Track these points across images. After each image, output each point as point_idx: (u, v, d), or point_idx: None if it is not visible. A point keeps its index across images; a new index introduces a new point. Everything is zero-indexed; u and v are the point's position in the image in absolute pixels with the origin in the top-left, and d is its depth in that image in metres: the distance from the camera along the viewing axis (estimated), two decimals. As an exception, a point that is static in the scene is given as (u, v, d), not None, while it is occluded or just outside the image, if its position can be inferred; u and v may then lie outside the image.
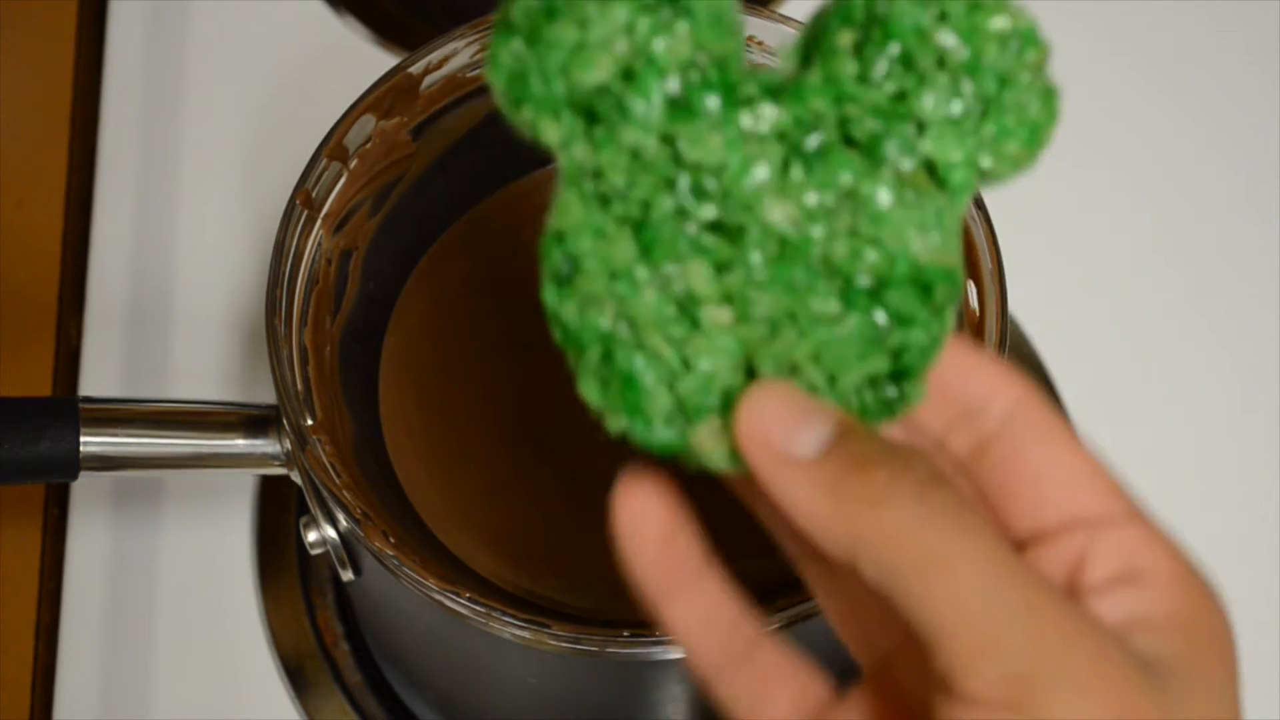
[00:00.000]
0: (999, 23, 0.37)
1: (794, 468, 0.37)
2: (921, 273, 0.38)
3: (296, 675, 0.69)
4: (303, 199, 0.57)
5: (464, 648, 0.58)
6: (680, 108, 0.37)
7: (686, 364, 0.38)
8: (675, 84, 0.37)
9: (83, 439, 0.56)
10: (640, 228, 0.38)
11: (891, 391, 0.38)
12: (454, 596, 0.51)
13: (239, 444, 0.57)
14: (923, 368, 0.38)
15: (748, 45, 0.58)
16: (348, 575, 0.58)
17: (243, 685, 0.69)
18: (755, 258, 0.37)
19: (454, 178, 0.61)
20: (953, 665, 0.35)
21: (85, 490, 0.71)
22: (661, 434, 0.38)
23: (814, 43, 0.38)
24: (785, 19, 0.58)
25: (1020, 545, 0.39)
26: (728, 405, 0.38)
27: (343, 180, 0.58)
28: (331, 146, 0.57)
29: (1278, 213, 0.78)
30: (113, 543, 0.71)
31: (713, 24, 0.37)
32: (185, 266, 0.75)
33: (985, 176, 0.38)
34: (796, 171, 0.37)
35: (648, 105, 0.37)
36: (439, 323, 0.61)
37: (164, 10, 0.81)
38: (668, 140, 0.37)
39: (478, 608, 0.51)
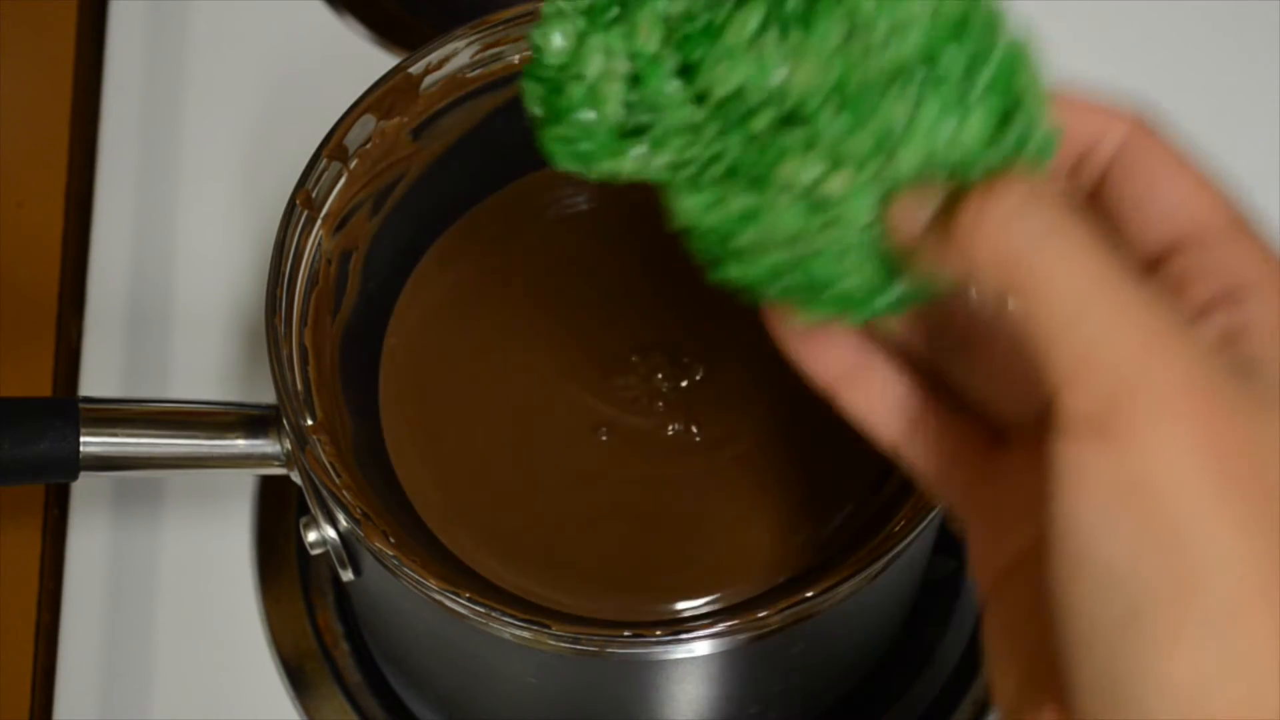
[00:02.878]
0: None
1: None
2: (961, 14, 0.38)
3: (296, 675, 0.69)
4: (303, 199, 0.57)
5: (464, 648, 0.57)
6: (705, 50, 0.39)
7: (857, 226, 0.39)
8: (672, 62, 0.40)
9: (83, 439, 0.56)
10: (731, 170, 0.39)
11: (1022, 132, 0.38)
12: (454, 596, 0.51)
13: (239, 444, 0.57)
14: (1028, 96, 0.38)
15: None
16: (348, 575, 0.58)
17: (243, 685, 0.69)
18: (827, 117, 0.38)
19: (454, 178, 0.61)
20: (1057, 383, 0.35)
21: (85, 490, 0.71)
22: (880, 301, 0.40)
23: None
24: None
25: None
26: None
27: (343, 180, 0.58)
28: (331, 146, 0.57)
29: (1278, 212, 0.78)
30: (113, 543, 0.71)
31: None
32: (185, 266, 0.75)
33: None
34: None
35: (672, 84, 0.40)
36: (439, 323, 0.61)
37: (164, 10, 0.81)
38: (702, 97, 0.39)
39: (478, 608, 0.51)
